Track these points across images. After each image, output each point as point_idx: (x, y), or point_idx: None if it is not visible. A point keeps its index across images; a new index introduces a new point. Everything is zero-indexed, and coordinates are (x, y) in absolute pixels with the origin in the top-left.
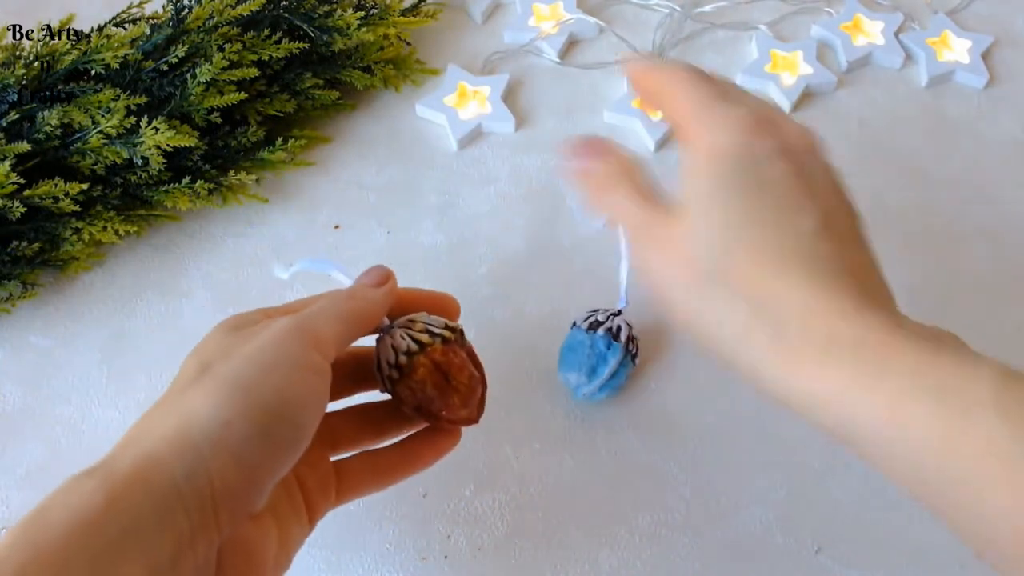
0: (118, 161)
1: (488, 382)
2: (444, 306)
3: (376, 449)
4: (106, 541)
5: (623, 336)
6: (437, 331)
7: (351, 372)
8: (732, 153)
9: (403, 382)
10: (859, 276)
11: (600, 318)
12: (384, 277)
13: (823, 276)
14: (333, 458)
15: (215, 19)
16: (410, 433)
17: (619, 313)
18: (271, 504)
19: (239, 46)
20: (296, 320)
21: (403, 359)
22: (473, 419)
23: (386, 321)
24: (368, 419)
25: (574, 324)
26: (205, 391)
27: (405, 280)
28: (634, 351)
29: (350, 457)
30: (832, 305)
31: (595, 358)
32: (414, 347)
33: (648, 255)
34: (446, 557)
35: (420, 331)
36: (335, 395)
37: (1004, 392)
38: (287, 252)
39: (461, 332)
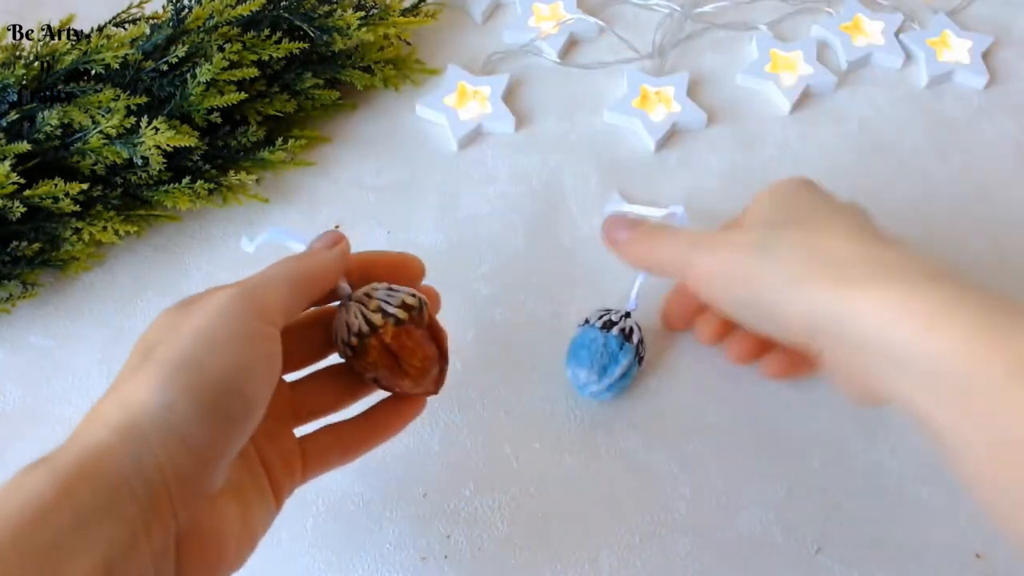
0: (118, 161)
1: (451, 357)
2: (406, 268)
3: (340, 422)
4: (55, 534)
5: (635, 338)
6: (391, 310)
7: (318, 336)
8: (766, 194)
9: (357, 360)
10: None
11: (614, 318)
12: (335, 239)
13: (861, 234)
14: (297, 432)
15: (215, 19)
16: (374, 404)
17: (629, 315)
18: (232, 484)
19: (239, 46)
20: (239, 288)
21: (354, 340)
22: (431, 393)
23: (347, 289)
24: (328, 385)
25: (586, 321)
26: (148, 375)
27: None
28: (642, 354)
29: (314, 432)
30: (872, 250)
31: (607, 357)
32: (365, 328)
33: (701, 256)
34: (446, 557)
35: (374, 309)
36: (303, 362)
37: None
38: (287, 252)
39: (419, 308)
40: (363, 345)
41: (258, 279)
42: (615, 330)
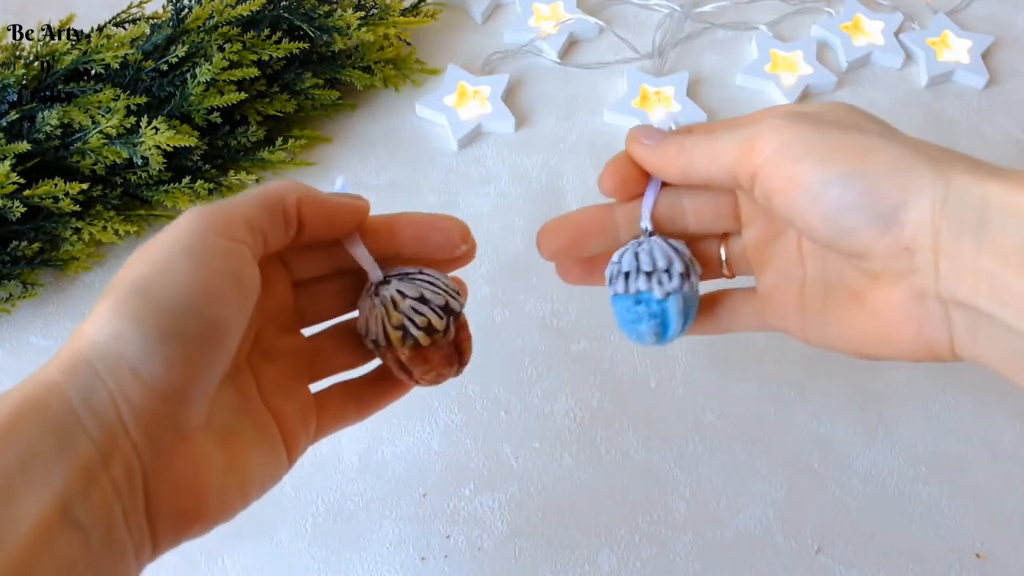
0: (118, 161)
1: (471, 361)
2: (439, 240)
3: (355, 379)
4: (2, 474)
5: (676, 271)
6: (413, 332)
7: (347, 289)
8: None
9: (374, 352)
10: None
11: (625, 267)
12: (352, 197)
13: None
14: (313, 388)
15: (215, 19)
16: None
17: (651, 234)
18: (220, 428)
19: (239, 46)
20: (198, 207)
21: (370, 344)
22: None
23: (377, 274)
24: (345, 343)
25: (618, 287)
26: (99, 308)
27: None
28: (690, 271)
29: (329, 388)
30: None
31: (658, 325)
32: (382, 342)
33: (780, 126)
34: (446, 557)
35: (396, 326)
36: (326, 315)
37: None
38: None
39: (445, 329)
40: (379, 352)
41: (223, 200)
42: (643, 282)
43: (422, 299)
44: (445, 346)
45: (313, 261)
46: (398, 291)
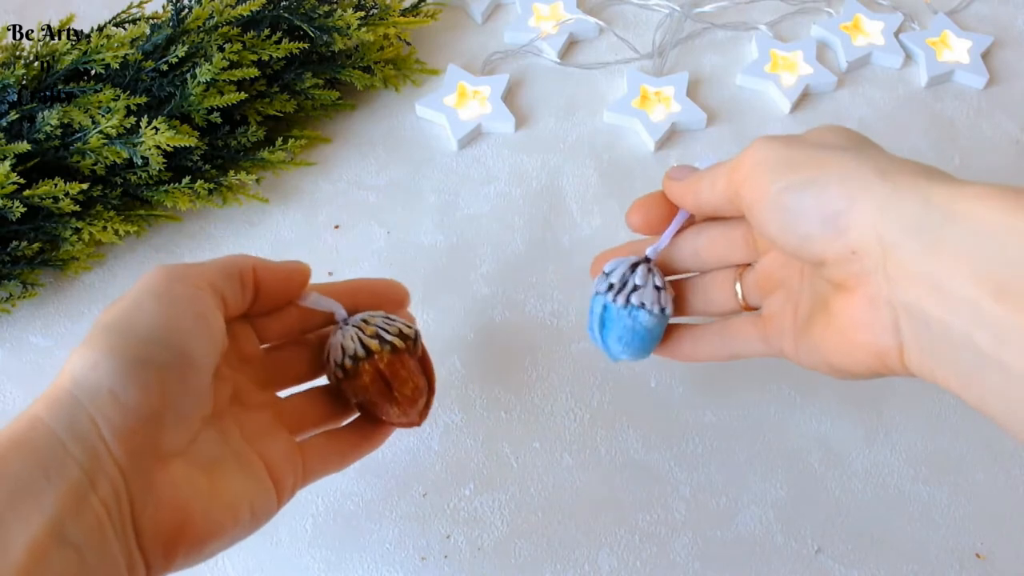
0: (118, 161)
1: (436, 389)
2: (391, 295)
3: (336, 429)
4: None
5: (663, 299)
6: (388, 338)
7: (310, 357)
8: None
9: (347, 382)
10: None
11: (638, 281)
12: (294, 261)
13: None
14: (298, 439)
15: (215, 19)
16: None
17: (647, 260)
18: (201, 456)
19: (239, 46)
20: (163, 266)
21: (348, 362)
22: (415, 424)
23: (343, 312)
24: (318, 401)
25: (608, 287)
26: (77, 350)
27: (406, 280)
28: (665, 305)
29: (313, 437)
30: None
31: (636, 337)
32: (361, 352)
33: (760, 143)
34: (446, 557)
35: (371, 335)
36: (296, 379)
37: None
38: (287, 252)
39: (415, 339)
40: (356, 368)
41: (185, 263)
42: (636, 299)
43: (387, 318)
44: (415, 358)
45: (282, 326)
46: (364, 319)
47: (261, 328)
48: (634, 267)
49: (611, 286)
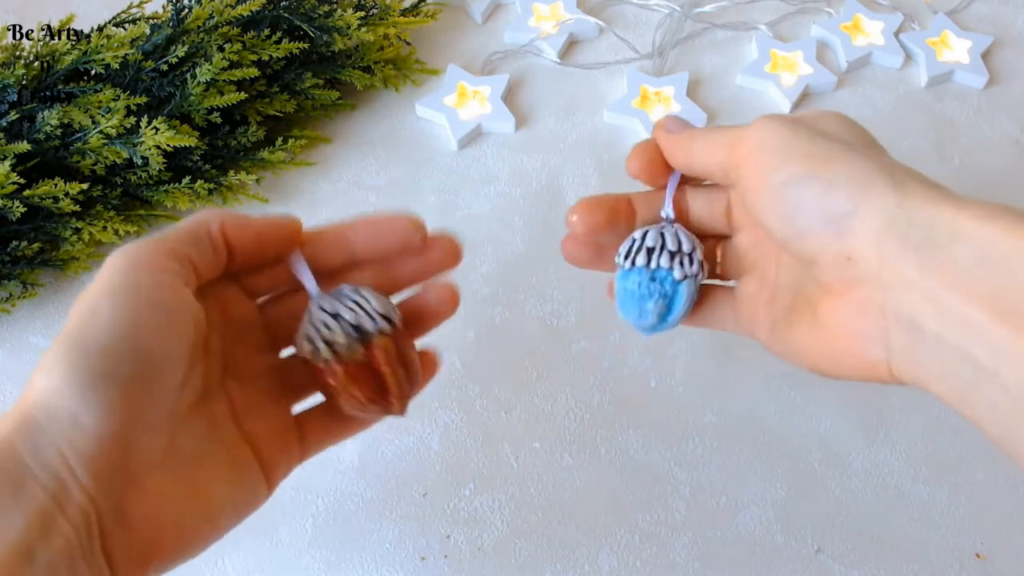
0: (118, 161)
1: (422, 383)
2: (394, 231)
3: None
4: None
5: (697, 258)
6: (318, 344)
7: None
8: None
9: (311, 371)
10: None
11: (650, 243)
12: (280, 215)
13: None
14: (297, 409)
15: (215, 19)
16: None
17: (673, 222)
18: (181, 460)
19: (239, 46)
20: (121, 248)
21: (309, 351)
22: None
23: (314, 291)
24: None
25: (630, 262)
26: (43, 360)
27: None
28: (697, 264)
29: (314, 407)
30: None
31: (663, 304)
32: (300, 353)
33: (764, 123)
34: (446, 557)
35: (304, 336)
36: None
37: None
38: None
39: (349, 345)
40: (320, 363)
41: (146, 236)
42: (656, 259)
43: (336, 315)
44: (357, 368)
45: (270, 279)
46: (320, 306)
47: (252, 284)
48: (689, 239)
49: (672, 255)
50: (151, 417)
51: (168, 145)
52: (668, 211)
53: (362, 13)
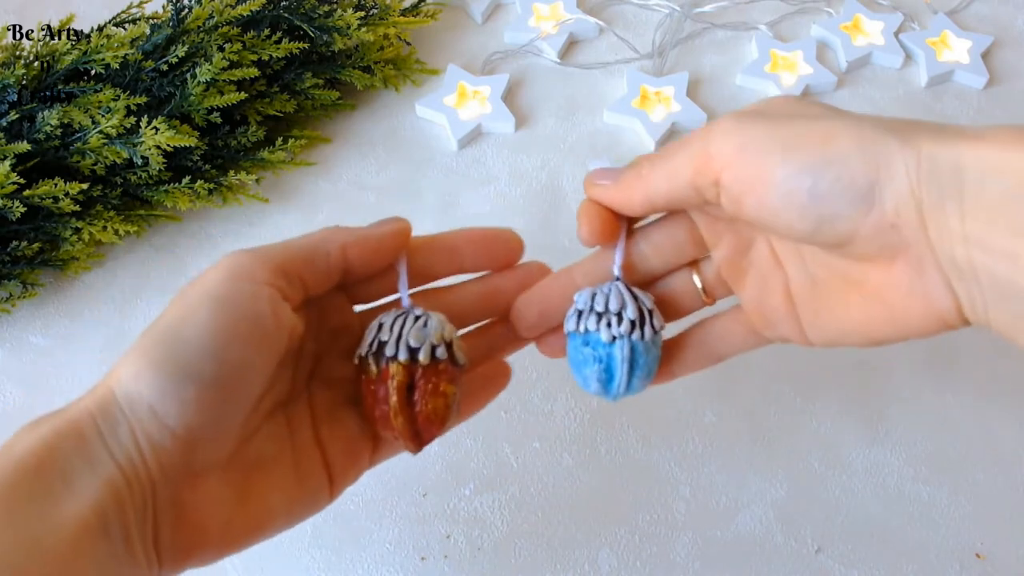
0: (118, 161)
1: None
2: (499, 247)
3: None
4: (46, 485)
5: (627, 316)
6: (363, 361)
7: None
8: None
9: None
10: None
11: (580, 305)
12: (393, 221)
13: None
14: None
15: (215, 19)
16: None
17: (617, 279)
18: (249, 461)
19: (239, 46)
20: (237, 251)
21: (368, 355)
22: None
23: (406, 303)
24: None
25: (608, 340)
26: (131, 350)
27: None
28: (652, 325)
29: None
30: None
31: (654, 360)
32: (389, 353)
33: (732, 131)
34: (446, 557)
35: (365, 343)
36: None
37: None
38: None
39: (381, 363)
40: (372, 366)
41: (265, 245)
42: (594, 324)
43: (379, 328)
44: (372, 384)
45: (375, 288)
46: (394, 319)
47: (357, 292)
48: (620, 297)
49: (633, 324)
50: (224, 422)
51: (168, 145)
52: (616, 269)
53: (362, 13)
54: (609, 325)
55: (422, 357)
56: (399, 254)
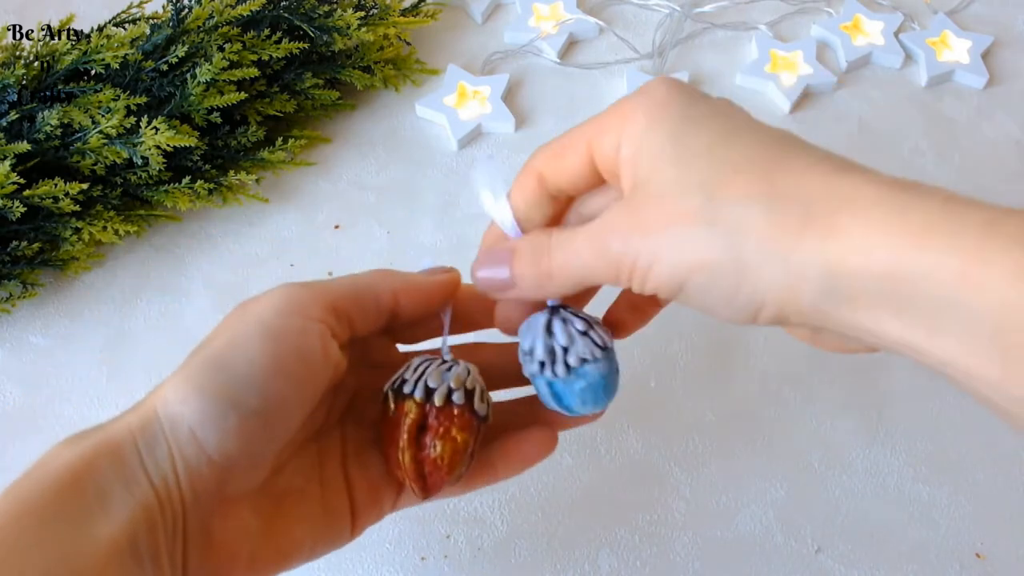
0: (118, 161)
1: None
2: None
3: None
4: (81, 503)
5: (598, 337)
6: (391, 389)
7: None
8: (641, 123)
9: (381, 414)
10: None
11: (563, 341)
12: (444, 271)
13: (815, 158)
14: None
15: (215, 19)
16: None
17: (555, 310)
18: (278, 492)
19: (239, 46)
20: (290, 284)
21: (392, 393)
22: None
23: (446, 353)
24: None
25: (532, 375)
26: (177, 371)
27: None
28: (564, 363)
29: None
30: (847, 178)
31: (598, 385)
32: (418, 393)
33: (663, 250)
34: (446, 557)
35: (398, 379)
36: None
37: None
38: (287, 252)
39: (409, 408)
40: (394, 404)
41: (318, 280)
42: (572, 359)
43: (406, 368)
44: (387, 421)
45: (420, 332)
46: (423, 361)
47: (402, 334)
48: (549, 327)
49: (542, 364)
50: (260, 452)
51: (168, 145)
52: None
53: (362, 13)
54: (539, 365)
55: (436, 398)
56: (447, 304)
